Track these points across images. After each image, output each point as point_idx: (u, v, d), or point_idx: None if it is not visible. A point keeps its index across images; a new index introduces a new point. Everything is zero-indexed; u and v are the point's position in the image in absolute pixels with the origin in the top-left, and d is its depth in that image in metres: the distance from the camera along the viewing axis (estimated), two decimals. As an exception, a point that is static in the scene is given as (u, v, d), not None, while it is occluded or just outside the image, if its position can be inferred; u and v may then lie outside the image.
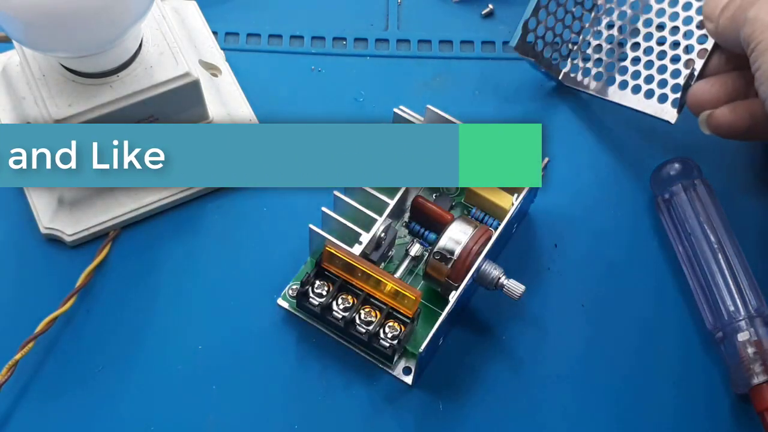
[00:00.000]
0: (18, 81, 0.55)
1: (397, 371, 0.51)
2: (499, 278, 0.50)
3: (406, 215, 0.55)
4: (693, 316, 0.53)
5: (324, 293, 0.50)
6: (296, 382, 0.51)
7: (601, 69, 0.59)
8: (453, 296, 0.48)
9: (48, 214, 0.54)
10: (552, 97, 0.61)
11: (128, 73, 0.50)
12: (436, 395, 0.51)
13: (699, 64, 0.55)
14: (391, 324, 0.49)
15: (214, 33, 0.61)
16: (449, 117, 0.53)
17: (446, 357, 0.52)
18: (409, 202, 0.54)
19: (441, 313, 0.48)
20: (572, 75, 0.60)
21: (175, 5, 0.60)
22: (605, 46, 0.59)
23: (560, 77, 0.60)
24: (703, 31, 0.55)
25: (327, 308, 0.50)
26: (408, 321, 0.49)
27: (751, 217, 0.57)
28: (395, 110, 0.53)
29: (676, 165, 0.56)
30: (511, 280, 0.50)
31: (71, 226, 0.53)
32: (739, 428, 0.51)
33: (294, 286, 0.53)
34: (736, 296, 0.51)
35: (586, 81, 0.59)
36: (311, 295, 0.50)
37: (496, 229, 0.52)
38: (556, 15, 0.59)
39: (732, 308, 0.51)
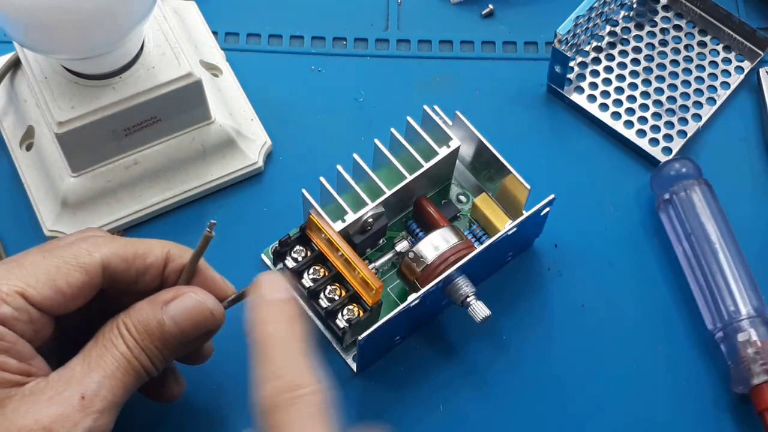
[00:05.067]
0: (19, 84, 0.55)
1: (350, 358, 0.51)
2: (467, 297, 0.49)
3: (410, 212, 0.55)
4: (693, 316, 0.54)
5: (300, 258, 0.50)
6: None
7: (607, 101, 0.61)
8: (411, 296, 0.48)
9: (52, 217, 0.54)
10: (552, 97, 0.61)
11: (131, 75, 0.50)
12: (436, 395, 0.51)
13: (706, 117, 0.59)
14: (351, 307, 0.49)
15: (214, 33, 0.61)
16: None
17: (446, 357, 0.52)
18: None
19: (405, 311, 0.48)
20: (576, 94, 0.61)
21: (175, 6, 0.60)
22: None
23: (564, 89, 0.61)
24: (702, 98, 0.59)
25: (298, 273, 0.49)
26: (369, 309, 0.49)
27: (751, 217, 0.57)
28: (425, 107, 0.53)
29: (676, 165, 0.56)
30: (479, 302, 0.49)
31: (75, 228, 0.53)
32: (739, 428, 0.51)
33: (276, 245, 0.52)
34: (736, 296, 0.52)
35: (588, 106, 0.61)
36: (287, 256, 0.50)
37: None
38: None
39: (732, 308, 0.51)
